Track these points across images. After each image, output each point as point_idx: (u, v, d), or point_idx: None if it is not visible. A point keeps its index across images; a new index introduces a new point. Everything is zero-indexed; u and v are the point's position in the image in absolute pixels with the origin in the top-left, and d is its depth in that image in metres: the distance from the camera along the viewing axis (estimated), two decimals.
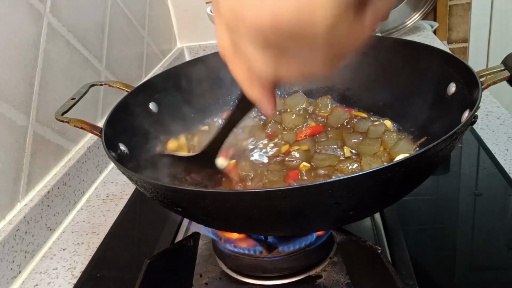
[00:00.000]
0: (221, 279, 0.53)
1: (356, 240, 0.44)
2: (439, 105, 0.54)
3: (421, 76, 0.58)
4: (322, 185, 0.36)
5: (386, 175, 0.37)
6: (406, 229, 0.55)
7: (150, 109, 0.62)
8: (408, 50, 0.60)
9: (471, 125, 0.45)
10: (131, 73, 1.01)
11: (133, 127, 0.57)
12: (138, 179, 0.41)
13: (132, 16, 1.04)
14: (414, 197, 0.55)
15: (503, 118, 0.79)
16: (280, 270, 0.51)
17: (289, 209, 0.38)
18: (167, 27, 1.28)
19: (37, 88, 0.69)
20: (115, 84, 0.62)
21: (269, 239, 0.50)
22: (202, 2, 1.07)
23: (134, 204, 0.71)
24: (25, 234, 0.62)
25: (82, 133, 0.79)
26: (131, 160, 0.52)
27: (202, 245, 0.57)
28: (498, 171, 0.64)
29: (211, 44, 1.32)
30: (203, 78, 0.68)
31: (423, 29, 1.30)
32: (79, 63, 0.81)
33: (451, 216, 0.60)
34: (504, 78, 0.47)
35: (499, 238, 0.54)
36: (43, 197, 0.66)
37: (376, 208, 0.48)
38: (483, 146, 0.71)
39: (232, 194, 0.39)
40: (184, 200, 0.41)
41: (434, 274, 0.50)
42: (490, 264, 0.51)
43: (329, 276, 0.51)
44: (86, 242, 0.65)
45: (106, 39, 0.91)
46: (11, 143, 0.63)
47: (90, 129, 0.53)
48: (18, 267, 0.60)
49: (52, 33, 0.73)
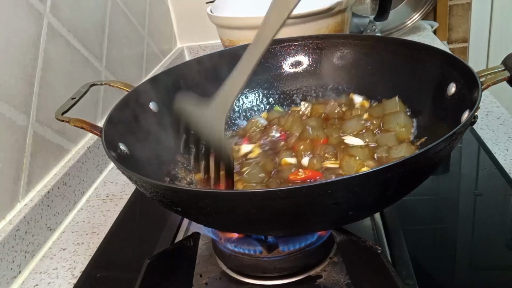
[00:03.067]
0: (221, 279, 0.53)
1: (356, 240, 0.44)
2: (439, 105, 0.54)
3: (421, 76, 0.58)
4: (322, 185, 0.36)
5: (386, 175, 0.37)
6: (406, 229, 0.55)
7: (150, 109, 0.61)
8: (408, 50, 0.60)
9: (471, 125, 0.45)
10: (131, 73, 1.01)
11: (133, 127, 0.57)
12: (138, 179, 0.41)
13: (132, 16, 1.04)
14: (414, 197, 0.55)
15: (503, 118, 0.79)
16: (280, 270, 0.51)
17: (289, 209, 0.38)
18: (167, 27, 1.28)
19: (37, 88, 0.69)
20: (115, 84, 0.62)
21: (269, 239, 0.50)
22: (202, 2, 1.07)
23: (134, 204, 0.71)
24: (25, 234, 0.62)
25: (82, 133, 0.79)
26: (131, 160, 0.52)
27: (202, 245, 0.57)
28: (498, 171, 0.64)
29: (211, 44, 1.32)
30: (203, 78, 0.68)
31: (423, 29, 1.30)
32: (79, 63, 0.81)
33: (451, 216, 0.60)
34: (504, 78, 0.47)
35: (499, 238, 0.54)
36: (43, 197, 0.66)
37: (376, 208, 0.48)
38: (483, 146, 0.71)
39: (232, 194, 0.39)
40: (184, 200, 0.41)
41: (434, 274, 0.50)
42: (490, 264, 0.51)
43: (329, 276, 0.51)
44: (86, 242, 0.65)
45: (106, 39, 0.91)
46: (11, 143, 0.63)
47: (90, 129, 0.53)
48: (18, 267, 0.60)
49: (52, 33, 0.73)
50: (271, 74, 0.71)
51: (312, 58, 0.70)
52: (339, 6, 0.85)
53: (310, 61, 0.70)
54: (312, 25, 0.84)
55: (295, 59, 0.71)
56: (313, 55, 0.70)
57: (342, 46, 0.67)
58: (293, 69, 0.71)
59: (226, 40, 0.93)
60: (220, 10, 0.91)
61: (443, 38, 1.44)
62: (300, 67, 0.71)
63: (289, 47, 0.70)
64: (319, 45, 0.69)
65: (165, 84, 0.64)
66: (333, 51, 0.68)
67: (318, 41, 0.69)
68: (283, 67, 0.71)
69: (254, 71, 0.46)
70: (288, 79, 0.71)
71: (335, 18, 0.87)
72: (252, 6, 0.85)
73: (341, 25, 0.89)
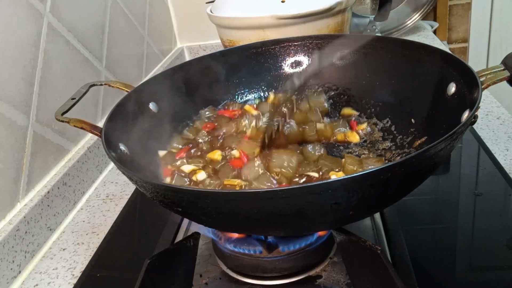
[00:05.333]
0: (221, 279, 0.53)
1: (356, 240, 0.44)
2: (439, 105, 0.54)
3: (421, 76, 0.58)
4: (322, 185, 0.36)
5: (386, 175, 0.37)
6: (406, 229, 0.55)
7: (150, 109, 0.62)
8: (408, 50, 0.60)
9: (471, 125, 0.45)
10: (131, 73, 1.01)
11: (133, 127, 0.57)
12: (138, 179, 0.41)
13: (132, 16, 1.04)
14: (414, 197, 0.55)
15: (503, 118, 0.79)
16: (280, 270, 0.51)
17: (289, 209, 0.38)
18: (167, 27, 1.28)
19: (37, 88, 0.69)
20: (115, 84, 0.62)
21: (269, 239, 0.50)
22: (202, 2, 1.07)
23: (134, 204, 0.71)
24: (25, 234, 0.62)
25: (82, 133, 0.79)
26: (131, 160, 0.52)
27: (202, 245, 0.57)
28: (498, 171, 0.64)
29: (211, 44, 1.32)
30: (203, 78, 0.68)
31: (423, 29, 1.30)
32: (79, 63, 0.81)
33: (451, 216, 0.60)
34: (504, 78, 0.47)
35: (499, 238, 0.54)
36: (43, 197, 0.66)
37: (376, 208, 0.48)
38: (483, 146, 0.71)
39: (232, 194, 0.39)
40: (184, 200, 0.41)
41: (434, 274, 0.50)
42: (490, 264, 0.51)
43: (329, 276, 0.51)
44: (86, 242, 0.65)
45: (106, 39, 0.91)
46: (11, 143, 0.63)
47: (90, 129, 0.53)
48: (18, 267, 0.60)
49: (52, 33, 0.73)
50: (270, 74, 0.71)
51: (312, 58, 0.70)
52: (339, 6, 0.85)
53: (310, 61, 0.70)
54: (312, 25, 0.84)
55: (295, 59, 0.71)
56: (313, 55, 0.70)
57: (342, 46, 0.67)
58: (293, 69, 0.71)
59: (226, 40, 0.93)
60: (220, 10, 0.91)
61: (443, 38, 1.44)
62: (300, 67, 0.71)
63: (289, 47, 0.70)
64: (319, 45, 0.69)
65: (165, 84, 0.64)
66: (333, 51, 0.68)
67: (318, 41, 0.69)
68: (283, 67, 0.71)
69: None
70: (288, 80, 0.71)
71: (335, 18, 0.87)
72: (252, 6, 0.85)
73: (341, 25, 0.89)
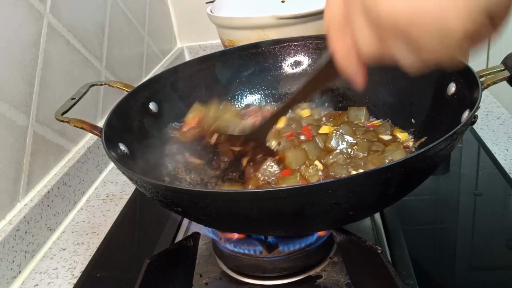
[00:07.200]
0: (221, 279, 0.53)
1: (356, 240, 0.44)
2: (439, 105, 0.54)
3: (421, 76, 0.57)
4: (322, 185, 0.36)
5: (386, 175, 0.37)
6: (406, 229, 0.55)
7: (150, 109, 0.61)
8: None
9: (471, 125, 0.45)
10: (131, 73, 1.01)
11: (133, 127, 0.57)
12: (138, 179, 0.41)
13: (132, 16, 1.04)
14: (414, 197, 0.55)
15: (503, 118, 0.79)
16: (280, 270, 0.51)
17: (289, 209, 0.38)
18: (167, 27, 1.28)
19: (37, 88, 0.69)
20: (115, 84, 0.62)
21: (269, 239, 0.50)
22: (202, 2, 1.07)
23: (134, 204, 0.71)
24: (25, 234, 0.62)
25: (82, 133, 0.79)
26: (131, 160, 0.52)
27: (202, 245, 0.57)
28: (498, 171, 0.64)
29: (211, 44, 1.31)
30: (203, 78, 0.68)
31: None
32: (79, 63, 0.81)
33: (451, 216, 0.60)
34: (504, 78, 0.47)
35: (499, 238, 0.54)
36: (43, 197, 0.66)
37: (376, 208, 0.48)
38: (483, 146, 0.71)
39: (232, 194, 0.39)
40: (184, 200, 0.41)
41: (434, 274, 0.50)
42: (490, 264, 0.51)
43: (329, 276, 0.51)
44: (86, 242, 0.65)
45: (106, 39, 0.91)
46: (11, 143, 0.63)
47: (90, 129, 0.53)
48: (18, 267, 0.60)
49: (52, 33, 0.73)
50: (271, 74, 0.71)
51: (312, 58, 0.70)
52: None
53: (310, 61, 0.70)
54: (312, 25, 0.84)
55: (295, 59, 0.71)
56: (313, 55, 0.70)
57: None
58: (293, 69, 0.71)
59: (226, 40, 0.93)
60: (220, 10, 0.91)
61: None
62: (300, 67, 0.71)
63: (289, 47, 0.70)
64: (319, 45, 0.69)
65: (165, 84, 0.64)
66: None
67: (318, 41, 0.69)
68: (283, 67, 0.71)
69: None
70: (288, 79, 0.71)
71: None
72: (252, 6, 0.85)
73: None
